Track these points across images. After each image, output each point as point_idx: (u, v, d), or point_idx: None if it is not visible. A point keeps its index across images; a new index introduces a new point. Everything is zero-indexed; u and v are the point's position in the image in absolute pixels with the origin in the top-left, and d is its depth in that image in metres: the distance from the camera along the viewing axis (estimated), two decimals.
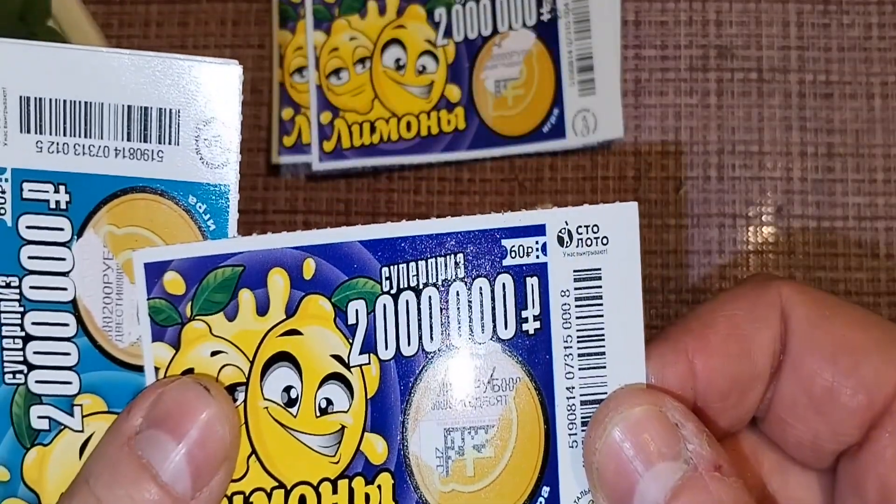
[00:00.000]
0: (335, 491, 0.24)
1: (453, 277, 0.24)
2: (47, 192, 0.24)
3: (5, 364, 0.24)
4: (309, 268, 0.24)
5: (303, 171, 0.40)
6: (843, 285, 0.38)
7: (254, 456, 0.24)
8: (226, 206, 0.24)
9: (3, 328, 0.24)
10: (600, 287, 0.24)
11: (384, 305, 0.24)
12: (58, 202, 0.24)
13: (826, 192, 0.39)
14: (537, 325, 0.24)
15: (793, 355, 0.24)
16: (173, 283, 0.24)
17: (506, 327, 0.24)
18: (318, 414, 0.24)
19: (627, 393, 0.23)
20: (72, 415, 0.24)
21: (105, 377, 0.24)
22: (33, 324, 0.24)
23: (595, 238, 0.24)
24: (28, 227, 0.24)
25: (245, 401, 0.24)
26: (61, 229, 0.24)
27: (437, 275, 0.24)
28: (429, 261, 0.24)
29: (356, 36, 0.40)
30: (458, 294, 0.24)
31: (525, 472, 0.24)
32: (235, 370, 0.24)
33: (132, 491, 0.21)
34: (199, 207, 0.24)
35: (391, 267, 0.24)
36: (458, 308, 0.24)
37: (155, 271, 0.24)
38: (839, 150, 0.39)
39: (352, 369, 0.24)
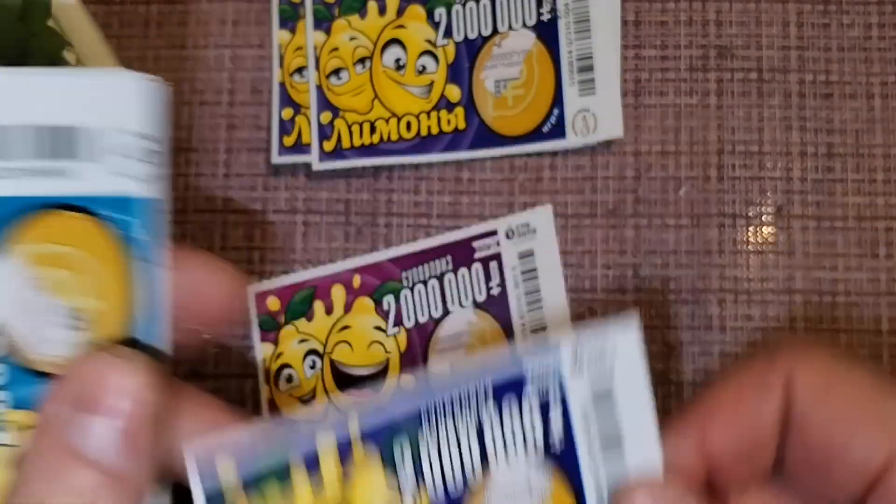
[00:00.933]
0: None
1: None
2: None
3: None
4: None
5: (302, 171, 0.40)
6: (843, 285, 0.38)
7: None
8: (149, 219, 0.23)
9: None
10: (615, 406, 0.26)
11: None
12: None
13: (826, 192, 0.39)
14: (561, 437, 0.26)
15: (797, 424, 0.26)
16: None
17: (535, 450, 0.26)
18: None
19: (645, 490, 0.26)
20: (4, 431, 0.23)
21: (35, 391, 0.23)
22: None
23: (603, 359, 0.26)
24: None
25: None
26: None
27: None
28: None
29: (356, 36, 0.40)
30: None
31: None
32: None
33: (69, 480, 0.21)
34: (120, 221, 0.23)
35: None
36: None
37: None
38: (839, 150, 0.39)
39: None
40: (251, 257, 0.40)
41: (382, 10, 0.40)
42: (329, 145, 0.40)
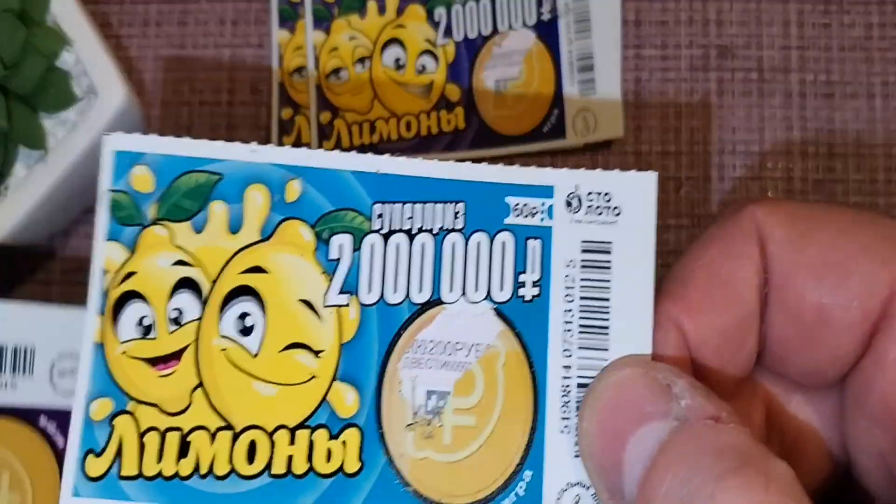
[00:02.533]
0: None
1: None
2: None
3: None
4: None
5: None
6: None
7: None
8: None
9: None
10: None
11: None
12: None
13: (827, 191, 0.39)
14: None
15: (776, 285, 0.22)
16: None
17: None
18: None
19: (614, 361, 0.21)
20: None
21: None
22: None
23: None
24: None
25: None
26: None
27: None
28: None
29: (356, 35, 0.40)
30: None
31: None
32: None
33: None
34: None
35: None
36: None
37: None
38: (840, 150, 0.39)
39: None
40: None
41: (382, 10, 0.40)
42: (329, 145, 0.39)
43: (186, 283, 0.22)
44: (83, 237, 0.40)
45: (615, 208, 0.22)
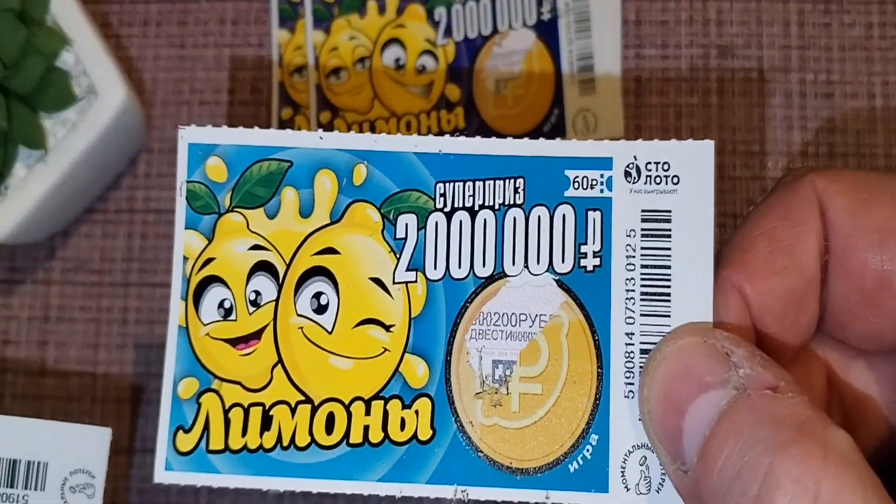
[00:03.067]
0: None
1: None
2: None
3: None
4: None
5: None
6: None
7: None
8: None
9: None
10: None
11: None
12: None
13: None
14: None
15: (837, 251, 0.22)
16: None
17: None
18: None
19: (675, 329, 0.22)
20: None
21: None
22: None
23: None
24: None
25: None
26: None
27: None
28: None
29: (356, 35, 0.40)
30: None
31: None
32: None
33: None
34: None
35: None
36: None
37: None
38: (840, 149, 0.39)
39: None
40: None
41: (382, 10, 0.40)
42: None
43: (263, 266, 0.23)
44: (83, 237, 0.40)
45: (674, 177, 0.22)
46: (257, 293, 0.24)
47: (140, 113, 0.38)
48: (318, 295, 0.23)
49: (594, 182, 0.22)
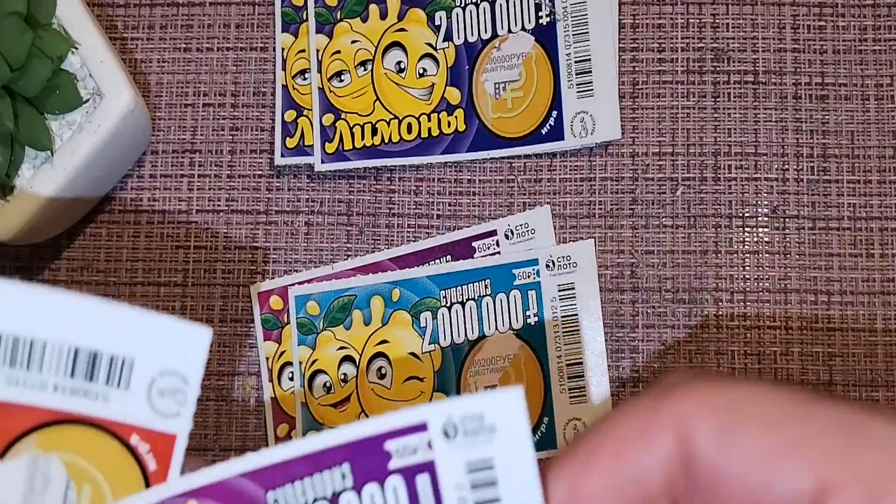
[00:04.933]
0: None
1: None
2: None
3: None
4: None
5: (305, 173, 0.41)
6: (838, 285, 0.39)
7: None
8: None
9: None
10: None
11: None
12: None
13: (821, 192, 0.39)
14: None
15: (703, 484, 0.22)
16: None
17: None
18: None
19: None
20: None
21: None
22: None
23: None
24: None
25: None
26: None
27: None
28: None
29: (358, 39, 0.41)
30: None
31: None
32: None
33: None
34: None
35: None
36: None
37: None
38: (834, 151, 0.39)
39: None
40: (255, 257, 0.40)
41: (384, 14, 0.41)
42: (331, 147, 0.40)
43: (346, 359, 0.39)
44: (89, 237, 0.41)
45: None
46: (345, 374, 0.39)
47: (145, 115, 0.39)
48: (379, 368, 0.39)
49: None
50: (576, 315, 0.38)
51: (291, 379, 0.39)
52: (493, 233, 0.39)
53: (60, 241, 0.41)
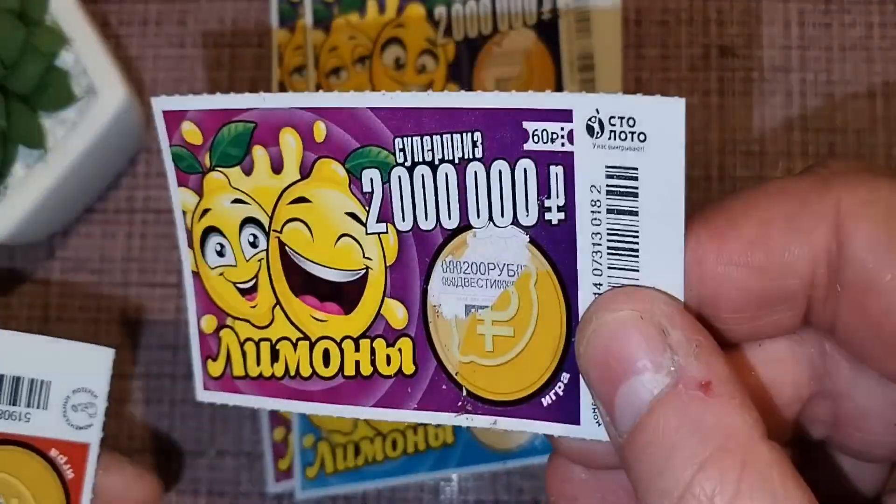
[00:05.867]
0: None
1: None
2: None
3: None
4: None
5: None
6: None
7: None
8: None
9: None
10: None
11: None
12: None
13: None
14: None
15: (852, 290, 0.20)
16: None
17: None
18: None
19: (614, 294, 0.21)
20: None
21: None
22: None
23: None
24: None
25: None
26: None
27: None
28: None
29: (355, 35, 0.40)
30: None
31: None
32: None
33: None
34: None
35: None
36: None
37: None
38: (840, 149, 0.39)
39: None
40: None
41: (382, 9, 0.40)
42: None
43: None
44: (83, 237, 0.40)
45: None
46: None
47: (139, 112, 0.38)
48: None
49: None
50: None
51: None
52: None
53: (54, 241, 0.40)
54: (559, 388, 0.23)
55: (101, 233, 0.40)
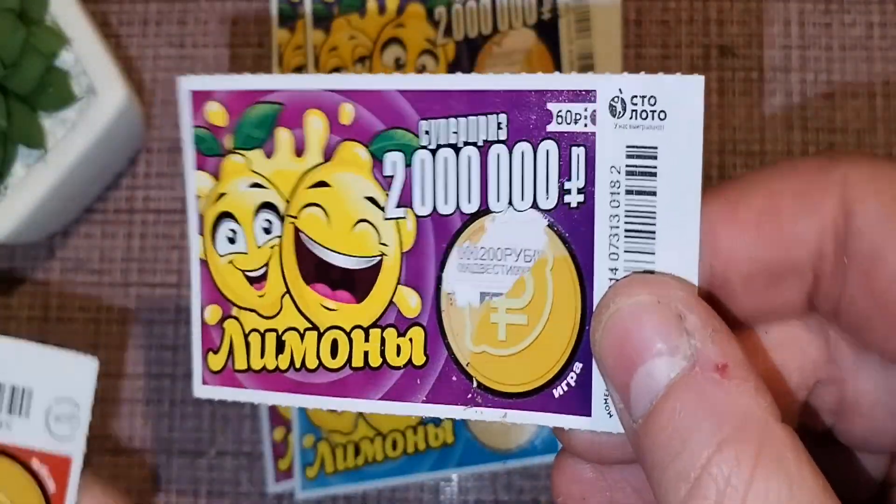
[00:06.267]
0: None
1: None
2: None
3: None
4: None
5: None
6: None
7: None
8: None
9: None
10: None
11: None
12: None
13: None
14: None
15: (859, 261, 0.20)
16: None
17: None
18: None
19: (631, 280, 0.21)
20: None
21: None
22: None
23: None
24: None
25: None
26: None
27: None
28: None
29: (356, 35, 0.40)
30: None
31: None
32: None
33: None
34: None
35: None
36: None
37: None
38: (841, 149, 0.39)
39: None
40: None
41: (382, 9, 0.40)
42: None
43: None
44: (83, 237, 0.40)
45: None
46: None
47: (139, 112, 0.38)
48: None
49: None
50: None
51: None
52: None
53: (54, 241, 0.40)
54: (571, 378, 0.22)
55: (100, 233, 0.40)
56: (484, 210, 0.23)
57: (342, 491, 0.38)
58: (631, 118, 0.21)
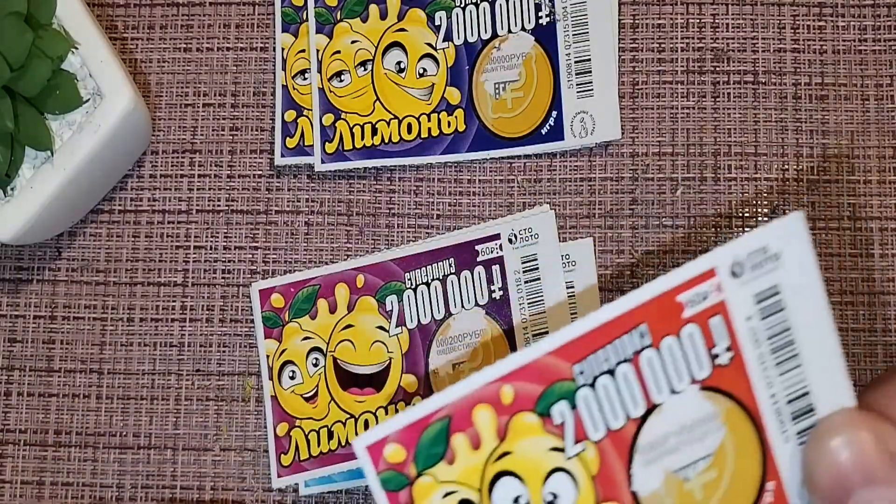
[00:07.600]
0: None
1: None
2: None
3: None
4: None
5: (305, 173, 0.41)
6: (838, 285, 0.39)
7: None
8: None
9: None
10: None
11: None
12: None
13: (821, 192, 0.39)
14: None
15: None
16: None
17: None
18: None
19: (852, 415, 0.24)
20: None
21: None
22: None
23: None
24: None
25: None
26: None
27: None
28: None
29: (358, 39, 0.41)
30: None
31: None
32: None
33: None
34: None
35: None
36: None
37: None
38: (834, 151, 0.39)
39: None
40: (254, 257, 0.40)
41: (384, 14, 0.41)
42: (331, 147, 0.40)
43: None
44: (89, 237, 0.41)
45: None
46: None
47: (145, 115, 0.39)
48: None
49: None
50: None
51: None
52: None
53: (60, 241, 0.41)
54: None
55: (107, 233, 0.41)
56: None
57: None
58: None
